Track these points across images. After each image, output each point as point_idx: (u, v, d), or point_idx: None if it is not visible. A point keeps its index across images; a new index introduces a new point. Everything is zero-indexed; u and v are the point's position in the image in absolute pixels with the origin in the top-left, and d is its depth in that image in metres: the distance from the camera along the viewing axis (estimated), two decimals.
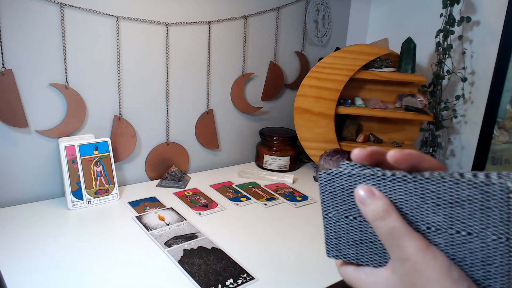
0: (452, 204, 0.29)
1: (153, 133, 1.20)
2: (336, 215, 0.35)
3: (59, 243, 0.84)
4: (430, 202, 0.30)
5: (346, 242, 0.35)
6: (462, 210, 0.29)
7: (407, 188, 0.31)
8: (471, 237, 0.29)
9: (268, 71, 1.38)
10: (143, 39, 1.11)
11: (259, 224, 0.97)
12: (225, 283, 0.73)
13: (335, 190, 0.35)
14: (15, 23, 0.92)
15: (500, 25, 1.18)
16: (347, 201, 0.34)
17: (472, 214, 0.28)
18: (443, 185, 0.29)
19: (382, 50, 1.23)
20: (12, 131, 0.98)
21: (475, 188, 0.28)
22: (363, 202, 0.32)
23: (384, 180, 0.32)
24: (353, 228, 0.34)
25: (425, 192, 0.30)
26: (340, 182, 0.34)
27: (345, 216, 0.35)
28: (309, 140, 1.30)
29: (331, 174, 0.34)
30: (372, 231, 0.33)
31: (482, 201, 0.28)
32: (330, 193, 0.35)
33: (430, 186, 0.30)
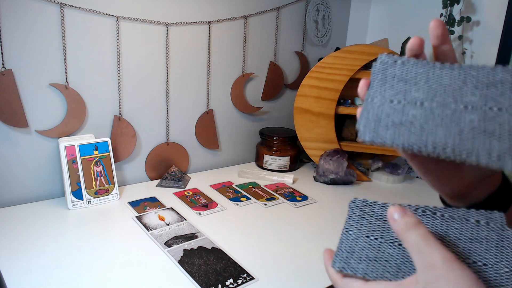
0: (472, 241, 0.34)
1: (153, 133, 1.20)
2: (357, 233, 0.37)
3: (59, 243, 0.84)
4: (452, 237, 0.34)
5: (358, 258, 0.36)
6: (480, 246, 0.33)
7: (434, 223, 0.35)
8: (486, 268, 0.32)
9: (268, 71, 1.38)
10: (143, 39, 1.11)
11: (259, 224, 0.97)
12: (225, 283, 0.73)
13: (365, 214, 0.38)
14: (15, 23, 0.92)
15: (500, 25, 1.18)
16: (373, 224, 0.37)
17: (488, 249, 0.33)
18: (465, 225, 0.34)
19: (382, 50, 1.23)
20: (12, 131, 0.98)
21: (493, 231, 0.34)
22: (395, 219, 0.34)
23: (434, 69, 0.36)
24: (370, 247, 0.36)
25: (449, 229, 0.35)
26: (371, 209, 0.38)
27: (366, 235, 0.37)
28: (309, 140, 1.30)
29: (365, 202, 0.38)
30: (390, 252, 0.35)
31: (497, 241, 0.33)
32: (358, 215, 0.38)
33: (455, 224, 0.34)
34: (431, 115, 0.34)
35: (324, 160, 1.25)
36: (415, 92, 0.36)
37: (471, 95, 0.33)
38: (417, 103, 0.35)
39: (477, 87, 0.33)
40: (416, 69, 0.37)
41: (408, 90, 0.36)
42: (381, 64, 0.37)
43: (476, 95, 0.33)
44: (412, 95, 0.36)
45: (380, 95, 0.37)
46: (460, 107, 0.34)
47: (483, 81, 0.33)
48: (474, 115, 0.33)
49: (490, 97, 0.33)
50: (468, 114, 0.33)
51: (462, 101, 0.34)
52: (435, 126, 0.33)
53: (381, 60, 0.38)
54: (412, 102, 0.35)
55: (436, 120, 0.34)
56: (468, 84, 0.34)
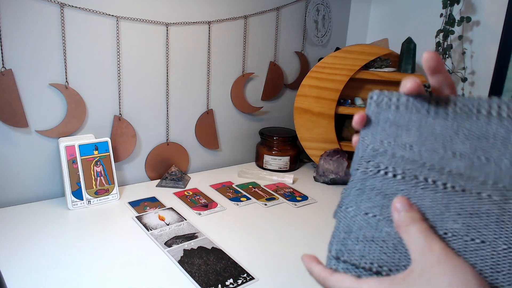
0: (472, 215, 0.33)
1: (153, 133, 1.20)
2: (356, 210, 0.36)
3: (59, 243, 0.84)
4: (452, 211, 0.33)
5: (355, 237, 0.36)
6: (480, 221, 0.32)
7: (435, 196, 0.34)
8: (484, 245, 0.32)
9: (268, 71, 1.38)
10: (143, 39, 1.11)
11: (259, 224, 0.97)
12: (225, 283, 0.73)
13: (365, 188, 0.37)
14: (15, 23, 0.92)
15: (500, 25, 1.18)
16: (373, 200, 0.36)
17: (488, 225, 0.32)
18: (467, 198, 0.33)
19: (382, 50, 1.23)
20: (12, 131, 0.98)
21: (494, 205, 0.32)
22: (399, 210, 0.34)
23: (416, 187, 0.35)
24: (368, 225, 0.36)
25: (451, 202, 0.33)
26: (372, 182, 0.36)
27: (364, 212, 0.36)
28: (309, 140, 1.30)
29: (366, 173, 0.37)
30: (388, 231, 0.35)
31: (498, 215, 0.32)
32: (358, 189, 0.37)
33: (456, 198, 0.33)
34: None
35: (324, 160, 1.25)
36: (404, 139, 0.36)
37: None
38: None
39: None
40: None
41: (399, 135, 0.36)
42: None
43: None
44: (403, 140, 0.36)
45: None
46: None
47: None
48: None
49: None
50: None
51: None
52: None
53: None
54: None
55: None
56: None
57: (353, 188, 0.37)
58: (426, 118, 0.36)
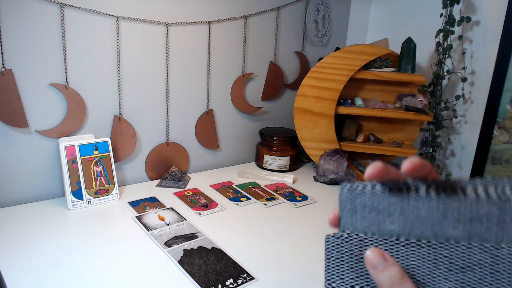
0: (464, 269, 0.30)
1: (153, 133, 1.20)
2: (340, 285, 0.33)
3: (59, 243, 0.84)
4: (442, 268, 0.30)
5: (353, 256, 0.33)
6: (473, 275, 0.29)
7: (420, 253, 0.31)
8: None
9: (268, 71, 1.38)
10: (143, 39, 1.11)
11: (259, 224, 0.97)
12: (225, 283, 0.73)
13: (343, 256, 0.33)
14: (15, 23, 0.92)
15: (500, 25, 1.18)
16: (355, 268, 0.33)
17: (483, 278, 0.29)
18: (455, 249, 0.30)
19: (382, 50, 1.23)
20: (12, 131, 0.98)
21: (486, 253, 0.29)
22: (374, 266, 0.31)
23: (398, 245, 0.31)
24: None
25: (438, 257, 0.30)
26: (349, 247, 0.33)
27: (350, 285, 0.33)
28: (309, 140, 1.30)
29: (340, 238, 0.33)
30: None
31: (492, 264, 0.29)
32: (337, 259, 0.33)
33: (443, 251, 0.30)
34: None
35: (324, 160, 1.25)
36: (389, 227, 0.32)
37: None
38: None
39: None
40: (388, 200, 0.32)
41: (382, 221, 0.32)
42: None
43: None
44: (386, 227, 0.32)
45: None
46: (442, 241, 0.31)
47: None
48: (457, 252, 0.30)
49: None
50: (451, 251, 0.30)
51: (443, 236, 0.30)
52: None
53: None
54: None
55: None
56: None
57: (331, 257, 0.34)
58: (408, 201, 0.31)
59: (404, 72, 1.23)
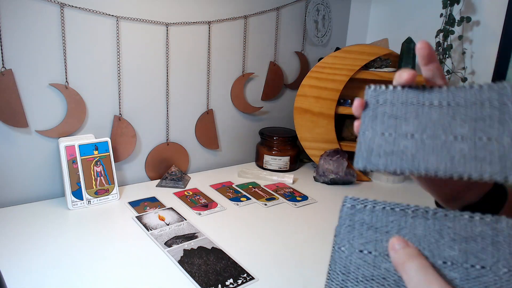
0: (467, 239, 0.32)
1: (153, 133, 1.20)
2: (350, 249, 0.36)
3: (59, 243, 0.84)
4: (447, 238, 0.33)
5: (355, 278, 0.35)
6: (476, 245, 0.32)
7: (426, 224, 0.34)
8: (485, 271, 0.31)
9: (268, 71, 1.38)
10: (143, 39, 1.11)
11: (259, 224, 0.97)
12: (225, 283, 0.73)
13: (355, 224, 0.36)
14: (15, 23, 0.92)
15: (500, 25, 1.18)
16: (365, 235, 0.36)
17: (485, 248, 0.32)
18: (459, 221, 0.33)
19: (382, 50, 1.23)
20: (12, 131, 0.98)
21: (487, 225, 0.32)
22: (396, 249, 0.33)
23: (406, 217, 0.35)
24: (365, 263, 0.35)
25: (443, 228, 0.33)
26: (361, 217, 0.36)
27: (359, 250, 0.35)
28: (309, 140, 1.30)
29: (353, 208, 0.36)
30: (386, 267, 0.34)
31: (492, 236, 0.32)
32: (348, 226, 0.36)
33: (448, 222, 0.33)
34: (421, 145, 0.36)
35: (324, 160, 1.25)
36: (405, 126, 0.38)
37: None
38: (408, 136, 0.37)
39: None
40: (405, 108, 0.38)
41: (399, 125, 0.38)
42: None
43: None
44: (403, 129, 0.37)
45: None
46: (450, 137, 0.35)
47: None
48: (464, 144, 0.34)
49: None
50: (458, 143, 0.35)
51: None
52: (426, 154, 0.36)
53: (370, 94, 0.40)
54: (402, 135, 0.37)
55: (427, 149, 0.36)
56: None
57: (343, 225, 0.37)
58: (422, 108, 0.38)
59: None
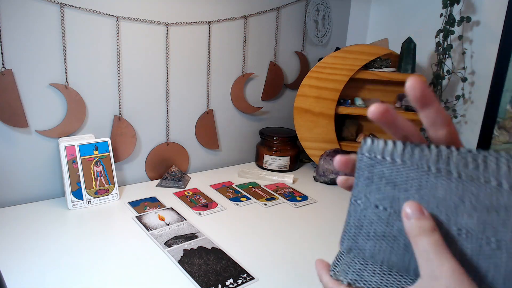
0: (489, 210, 0.29)
1: (153, 133, 1.20)
2: (366, 202, 0.34)
3: (59, 243, 0.84)
4: (468, 204, 0.30)
5: (366, 233, 0.34)
6: (497, 217, 0.29)
7: (449, 186, 0.30)
8: (499, 252, 0.29)
9: (268, 71, 1.38)
10: (143, 39, 1.11)
11: (259, 224, 0.97)
12: (225, 283, 0.73)
13: (373, 176, 0.33)
14: (15, 23, 0.92)
15: (500, 25, 1.18)
16: (382, 190, 0.33)
17: (506, 222, 0.28)
18: (484, 188, 0.29)
19: (382, 50, 1.23)
20: (12, 131, 0.98)
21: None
22: (409, 217, 0.31)
23: (428, 176, 0.31)
24: (379, 219, 0.33)
25: (466, 193, 0.30)
26: (380, 169, 0.33)
27: (375, 205, 0.33)
28: (309, 140, 1.30)
29: (374, 159, 0.33)
30: (399, 226, 0.32)
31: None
32: (367, 178, 0.34)
33: (472, 188, 0.30)
34: None
35: (324, 160, 1.25)
36: (404, 201, 0.32)
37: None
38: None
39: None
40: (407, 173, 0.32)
41: (396, 197, 0.33)
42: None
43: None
44: (400, 204, 0.32)
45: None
46: (453, 229, 0.30)
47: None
48: (468, 244, 0.30)
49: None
50: (461, 240, 0.30)
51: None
52: None
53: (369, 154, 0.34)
54: (398, 212, 0.32)
55: None
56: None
57: (361, 176, 0.34)
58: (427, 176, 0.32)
59: (404, 72, 1.23)
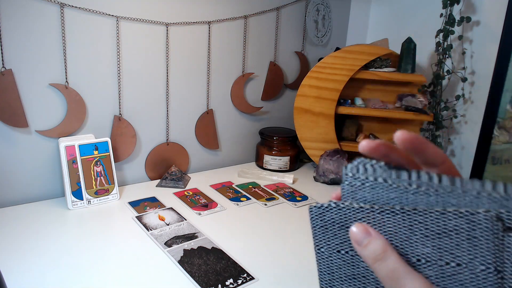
0: (440, 235, 0.29)
1: (153, 133, 1.20)
2: (328, 250, 0.35)
3: (59, 243, 0.84)
4: (418, 234, 0.30)
5: (339, 278, 0.35)
6: (450, 241, 0.29)
7: (395, 220, 0.31)
8: (460, 268, 0.29)
9: (268, 71, 1.38)
10: (143, 39, 1.11)
11: (259, 224, 0.97)
12: (225, 283, 0.73)
13: (326, 224, 0.34)
14: (15, 23, 0.92)
15: (500, 25, 1.18)
16: (338, 235, 0.34)
17: (459, 244, 0.28)
18: (430, 215, 0.29)
19: (382, 50, 1.23)
20: (12, 131, 0.98)
21: (461, 218, 0.28)
22: (359, 243, 0.31)
23: (373, 213, 0.32)
24: (345, 263, 0.34)
25: (413, 224, 0.30)
26: (330, 216, 0.34)
27: (337, 250, 0.34)
28: (309, 140, 1.30)
29: (321, 208, 0.34)
30: (364, 265, 0.33)
31: (468, 230, 0.28)
32: (321, 227, 0.35)
33: (418, 217, 0.30)
34: None
35: (324, 160, 1.25)
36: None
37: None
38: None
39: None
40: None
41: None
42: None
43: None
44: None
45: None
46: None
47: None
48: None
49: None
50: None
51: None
52: None
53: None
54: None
55: None
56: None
57: (316, 225, 0.35)
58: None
59: (404, 72, 1.23)
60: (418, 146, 0.31)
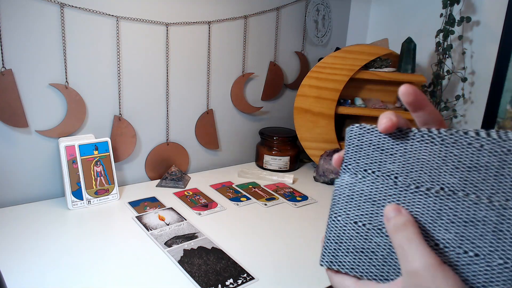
0: (466, 223, 0.30)
1: (153, 133, 1.20)
2: (345, 219, 0.35)
3: (59, 243, 0.84)
4: (445, 219, 0.31)
5: (345, 249, 0.35)
6: (475, 230, 0.29)
7: (426, 202, 0.31)
8: (478, 259, 0.29)
9: (268, 71, 1.38)
10: (143, 39, 1.11)
11: (259, 224, 0.97)
12: (225, 283, 0.73)
13: (353, 194, 0.35)
14: (15, 23, 0.92)
15: (500, 25, 1.18)
16: (362, 207, 0.35)
17: (483, 235, 0.29)
18: (462, 203, 0.30)
19: (382, 50, 1.23)
20: (12, 131, 0.98)
21: (493, 211, 0.29)
22: (389, 218, 0.32)
23: (406, 191, 0.33)
24: (358, 235, 0.34)
25: (443, 208, 0.31)
26: (360, 187, 0.35)
27: (354, 221, 0.35)
28: (309, 140, 1.30)
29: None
30: (377, 241, 0.34)
31: (496, 223, 0.29)
32: (347, 196, 0.35)
33: (450, 203, 0.30)
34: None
35: (324, 160, 1.25)
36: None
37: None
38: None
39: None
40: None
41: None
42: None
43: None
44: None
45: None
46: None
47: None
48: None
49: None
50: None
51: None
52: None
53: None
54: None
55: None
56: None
57: (342, 194, 0.36)
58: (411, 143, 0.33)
59: (404, 72, 1.23)
60: (420, 100, 0.33)
